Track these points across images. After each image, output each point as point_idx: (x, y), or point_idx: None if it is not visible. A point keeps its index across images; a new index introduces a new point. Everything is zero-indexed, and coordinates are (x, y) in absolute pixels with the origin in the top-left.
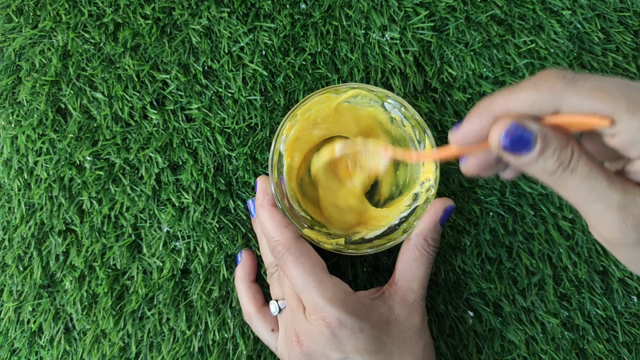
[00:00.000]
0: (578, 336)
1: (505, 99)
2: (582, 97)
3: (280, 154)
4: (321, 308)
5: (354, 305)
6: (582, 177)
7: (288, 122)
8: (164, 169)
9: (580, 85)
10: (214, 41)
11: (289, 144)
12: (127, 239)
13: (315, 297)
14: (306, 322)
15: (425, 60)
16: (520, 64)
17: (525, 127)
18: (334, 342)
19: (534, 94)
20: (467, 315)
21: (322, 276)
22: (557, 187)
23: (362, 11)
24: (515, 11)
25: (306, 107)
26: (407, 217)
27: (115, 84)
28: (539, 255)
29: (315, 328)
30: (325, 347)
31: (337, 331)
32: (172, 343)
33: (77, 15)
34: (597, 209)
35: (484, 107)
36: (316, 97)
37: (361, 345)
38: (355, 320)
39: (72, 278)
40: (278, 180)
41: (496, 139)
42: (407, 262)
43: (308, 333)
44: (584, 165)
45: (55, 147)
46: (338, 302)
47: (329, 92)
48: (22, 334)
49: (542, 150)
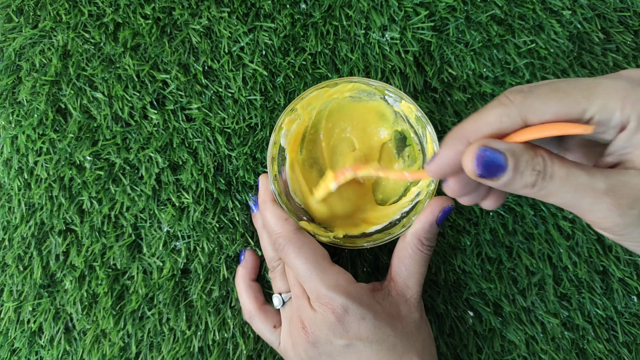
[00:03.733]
0: (578, 336)
1: (474, 123)
2: (542, 101)
3: (282, 148)
4: (324, 295)
5: (357, 292)
6: (562, 179)
7: (287, 116)
8: (164, 169)
9: (537, 92)
10: (214, 41)
11: (291, 138)
12: (127, 238)
13: (318, 284)
14: (311, 309)
15: (426, 60)
16: (520, 63)
17: (492, 148)
18: (338, 328)
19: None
20: (467, 315)
21: (324, 265)
22: (543, 197)
23: (362, 11)
24: (515, 11)
25: (306, 102)
26: (408, 212)
27: (115, 83)
28: (539, 255)
29: (320, 315)
30: (329, 333)
31: (342, 317)
32: (172, 343)
33: (77, 15)
34: (588, 203)
35: (455, 136)
36: (315, 92)
37: (364, 333)
38: (359, 307)
39: (72, 278)
40: (278, 174)
41: (470, 168)
42: (401, 260)
43: (313, 320)
44: (560, 168)
45: (56, 147)
46: (340, 289)
47: (327, 87)
48: (22, 333)
49: (515, 167)
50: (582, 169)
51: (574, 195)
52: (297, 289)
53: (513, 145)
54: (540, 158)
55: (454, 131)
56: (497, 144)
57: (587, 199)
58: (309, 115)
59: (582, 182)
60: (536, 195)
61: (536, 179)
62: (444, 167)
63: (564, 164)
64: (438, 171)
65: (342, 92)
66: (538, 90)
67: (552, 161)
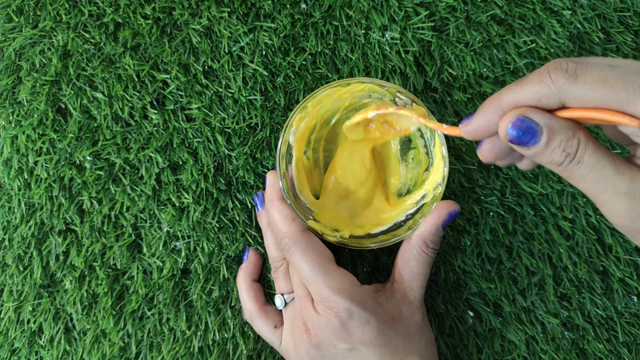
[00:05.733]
0: (578, 336)
1: (512, 94)
2: (585, 90)
3: (290, 145)
4: (328, 298)
5: (361, 296)
6: (589, 167)
7: (298, 113)
8: (164, 169)
9: (582, 79)
10: (214, 41)
11: (298, 136)
12: (127, 238)
13: (322, 287)
14: (314, 312)
15: (426, 60)
16: (521, 63)
17: (531, 119)
18: (342, 332)
19: (539, 88)
20: (467, 315)
21: (329, 267)
22: (566, 177)
23: (362, 11)
24: (515, 11)
25: (317, 100)
26: (413, 214)
27: (115, 83)
28: (539, 255)
29: (324, 318)
30: (332, 337)
31: (346, 321)
32: (172, 343)
33: (77, 15)
34: (606, 197)
35: (493, 102)
36: (327, 90)
37: (367, 337)
38: (363, 311)
39: (72, 278)
40: (285, 171)
41: (504, 131)
42: (406, 261)
43: (316, 322)
44: (591, 156)
45: (56, 147)
46: (345, 293)
47: (339, 86)
48: (22, 333)
49: (548, 142)
50: (612, 162)
51: (595, 185)
52: (301, 291)
53: (552, 121)
54: (576, 141)
55: (492, 99)
56: (537, 117)
57: (606, 193)
58: (317, 114)
59: (605, 176)
60: (560, 173)
61: (564, 160)
62: (477, 131)
63: (596, 152)
64: (471, 133)
65: (353, 92)
66: (584, 76)
67: (587, 146)
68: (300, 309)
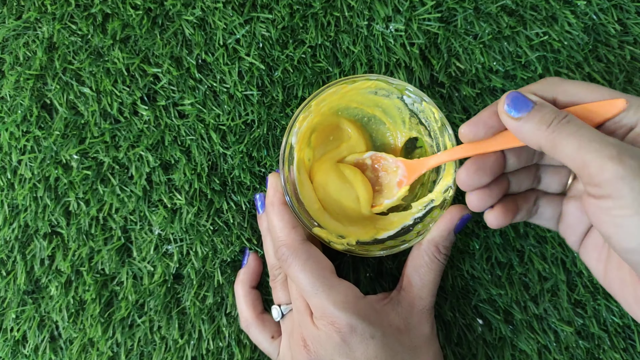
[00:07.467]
0: (593, 345)
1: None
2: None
3: (292, 147)
4: (330, 313)
5: (366, 310)
6: (578, 125)
7: (302, 113)
8: (155, 168)
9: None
10: (208, 33)
11: (300, 136)
12: (116, 242)
13: (324, 301)
14: (314, 326)
15: (432, 53)
16: (532, 57)
17: (526, 96)
18: (344, 349)
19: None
20: (476, 323)
21: (331, 280)
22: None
23: (365, 1)
24: (527, 1)
25: (321, 98)
26: (422, 217)
27: (103, 78)
28: (552, 259)
29: (324, 333)
30: (333, 353)
31: (348, 337)
32: (163, 352)
33: (63, 6)
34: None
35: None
36: (333, 88)
37: (372, 353)
38: (367, 326)
39: (58, 283)
40: (288, 174)
41: (502, 104)
42: (416, 268)
43: (316, 338)
44: (577, 120)
45: (40, 145)
46: (349, 307)
47: (345, 83)
48: (5, 342)
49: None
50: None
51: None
52: (300, 304)
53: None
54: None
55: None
56: (531, 95)
57: (594, 143)
58: (319, 112)
59: (595, 134)
60: (547, 138)
61: (554, 118)
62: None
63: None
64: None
65: (359, 89)
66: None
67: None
68: (299, 323)
